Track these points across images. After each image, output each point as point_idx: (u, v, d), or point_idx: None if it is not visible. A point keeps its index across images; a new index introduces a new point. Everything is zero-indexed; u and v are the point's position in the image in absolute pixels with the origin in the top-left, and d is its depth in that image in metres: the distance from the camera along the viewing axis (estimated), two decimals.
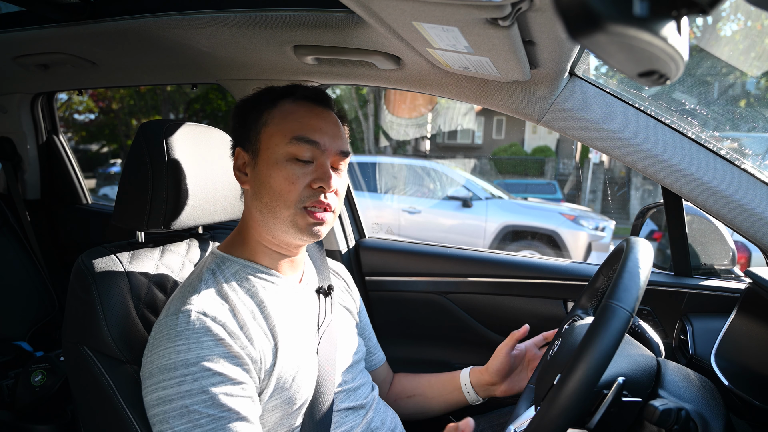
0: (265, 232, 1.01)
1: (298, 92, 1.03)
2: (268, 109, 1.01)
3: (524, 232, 6.33)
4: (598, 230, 6.20)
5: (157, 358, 0.86)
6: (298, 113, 1.00)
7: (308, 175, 0.97)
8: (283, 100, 1.02)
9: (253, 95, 1.05)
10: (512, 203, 6.87)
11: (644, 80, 0.43)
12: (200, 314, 0.87)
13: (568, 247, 6.06)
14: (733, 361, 1.07)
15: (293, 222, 0.96)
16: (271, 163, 0.96)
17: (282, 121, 0.99)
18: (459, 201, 6.46)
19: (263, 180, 0.97)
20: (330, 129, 1.01)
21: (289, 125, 0.98)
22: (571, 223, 6.21)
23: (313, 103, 1.03)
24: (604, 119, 1.19)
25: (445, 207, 6.57)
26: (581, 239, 6.11)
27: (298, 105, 1.01)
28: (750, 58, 5.61)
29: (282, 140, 0.97)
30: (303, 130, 0.97)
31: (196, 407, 0.82)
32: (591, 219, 6.44)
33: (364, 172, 7.00)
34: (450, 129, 15.99)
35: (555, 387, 0.76)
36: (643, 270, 0.81)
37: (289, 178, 0.95)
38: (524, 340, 1.29)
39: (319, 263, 1.21)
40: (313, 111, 1.01)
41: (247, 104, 1.04)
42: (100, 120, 14.34)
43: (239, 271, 1.00)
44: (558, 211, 6.57)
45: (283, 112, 1.00)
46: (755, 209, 1.11)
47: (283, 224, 0.97)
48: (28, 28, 1.36)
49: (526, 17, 0.83)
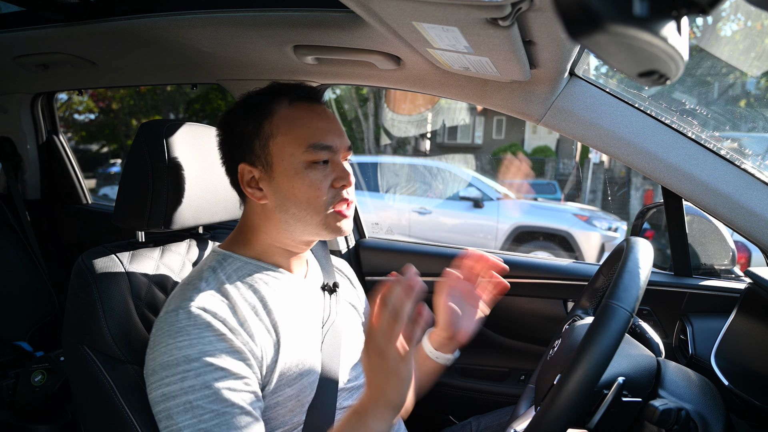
0: (285, 237, 1.01)
1: (292, 94, 1.01)
2: (268, 118, 0.98)
3: (536, 233, 6.26)
4: (611, 230, 6.14)
5: (159, 355, 0.86)
6: (302, 118, 0.98)
7: (329, 177, 0.97)
8: (278, 104, 0.99)
9: (242, 103, 1.02)
10: (524, 204, 6.81)
11: (644, 80, 0.43)
12: (201, 310, 0.87)
13: (581, 248, 5.98)
14: (733, 361, 1.07)
15: (326, 225, 0.98)
16: (291, 174, 0.96)
17: (290, 129, 0.97)
18: (470, 201, 6.40)
19: (286, 192, 0.96)
20: (335, 128, 1.01)
21: (299, 133, 0.96)
22: (584, 223, 6.13)
23: (309, 102, 1.02)
24: (604, 119, 1.19)
25: (456, 207, 6.50)
26: (594, 240, 6.04)
27: (298, 108, 0.99)
28: (750, 58, 5.62)
29: (297, 150, 0.96)
30: (316, 137, 0.97)
31: (200, 402, 0.82)
32: (604, 219, 6.37)
33: (371, 172, 6.95)
34: (450, 125, 15.97)
35: (555, 387, 0.76)
36: (643, 270, 0.81)
37: (313, 185, 0.96)
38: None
39: (323, 261, 1.21)
40: (314, 111, 1.00)
41: (238, 114, 1.01)
42: (100, 120, 14.35)
43: (241, 268, 1.00)
44: (571, 211, 6.51)
45: (286, 120, 0.98)
46: (755, 209, 1.11)
47: (315, 228, 0.98)
48: (28, 28, 1.36)
49: (526, 17, 0.83)
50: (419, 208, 6.52)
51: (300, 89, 1.03)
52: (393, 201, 6.87)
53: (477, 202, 6.38)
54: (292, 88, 1.02)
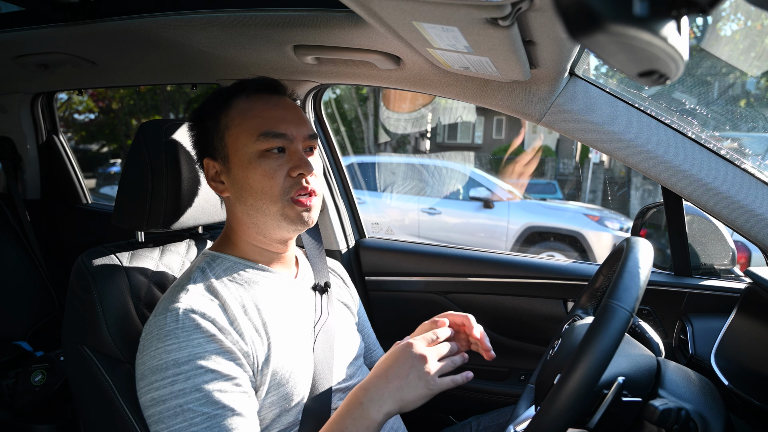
0: (255, 232, 1.01)
1: (249, 87, 1.02)
2: (224, 111, 1.00)
3: (547, 234, 6.18)
4: (622, 231, 6.09)
5: (148, 359, 0.85)
6: (255, 109, 0.99)
7: (284, 166, 0.96)
8: (236, 98, 1.01)
9: (206, 101, 1.03)
10: (535, 204, 6.76)
11: (644, 80, 0.43)
12: (188, 311, 0.87)
13: (593, 249, 5.89)
14: (733, 361, 1.07)
15: (283, 215, 0.96)
16: (245, 164, 0.96)
17: (243, 120, 0.98)
18: (480, 202, 6.32)
19: (241, 183, 0.97)
20: (291, 116, 1.00)
21: (251, 123, 0.97)
22: (595, 224, 6.06)
23: (267, 94, 1.02)
24: (604, 119, 1.18)
25: (466, 208, 6.43)
26: (606, 240, 5.95)
27: (253, 100, 1.00)
28: (750, 58, 5.61)
29: (249, 140, 0.96)
30: (267, 125, 0.96)
31: (190, 406, 0.82)
32: (615, 220, 6.30)
33: (377, 171, 6.93)
34: (450, 123, 15.94)
35: (555, 387, 0.76)
36: (643, 270, 0.81)
37: (267, 174, 0.95)
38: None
39: (316, 261, 1.21)
40: (270, 101, 1.01)
41: (200, 113, 1.03)
42: (100, 120, 14.33)
43: (231, 268, 0.99)
44: (582, 212, 6.45)
45: (240, 111, 0.99)
46: (755, 209, 1.11)
47: (273, 220, 0.97)
48: (28, 28, 1.36)
49: (526, 17, 0.83)
50: (428, 208, 6.47)
51: (258, 82, 1.03)
52: (399, 201, 6.84)
53: (487, 203, 6.30)
54: (251, 82, 1.02)
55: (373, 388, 0.85)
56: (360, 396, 0.85)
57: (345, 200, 1.87)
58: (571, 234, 6.04)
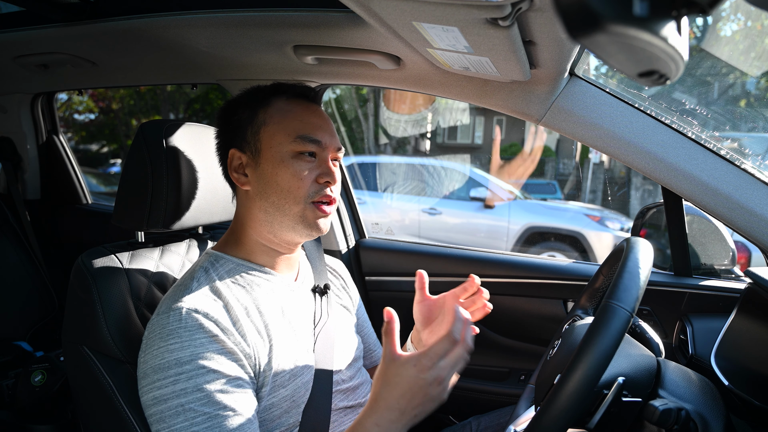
0: (266, 231, 1.01)
1: (291, 90, 1.04)
2: (263, 107, 1.01)
3: (548, 234, 6.16)
4: (623, 231, 6.08)
5: (150, 358, 0.86)
6: (296, 112, 1.01)
7: (314, 171, 0.99)
8: (276, 98, 1.03)
9: (242, 95, 1.05)
10: (535, 204, 6.74)
11: (644, 80, 0.43)
12: (192, 311, 0.87)
13: (593, 249, 5.88)
14: (733, 361, 1.07)
15: (302, 217, 0.98)
16: (277, 161, 0.97)
17: (282, 119, 1.00)
18: (481, 202, 6.30)
19: (269, 179, 0.98)
20: (327, 126, 1.03)
21: (291, 123, 0.99)
22: (596, 224, 6.04)
23: (306, 100, 1.05)
24: (604, 119, 1.18)
25: (467, 208, 6.41)
26: (606, 241, 5.93)
27: (294, 103, 1.03)
28: (750, 58, 5.61)
29: (286, 139, 0.98)
30: (306, 129, 0.99)
31: (192, 405, 0.82)
32: (616, 220, 6.28)
33: (378, 171, 6.92)
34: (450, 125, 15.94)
35: (555, 387, 0.76)
36: (643, 270, 0.81)
37: (297, 175, 0.97)
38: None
39: (316, 262, 1.21)
40: (309, 108, 1.03)
41: (236, 104, 1.05)
42: (100, 120, 14.33)
43: (233, 269, 1.00)
44: (583, 212, 6.43)
45: (280, 111, 1.01)
46: (755, 209, 1.11)
47: (291, 221, 0.98)
48: (28, 28, 1.36)
49: (526, 17, 0.83)
50: (429, 209, 6.46)
51: (299, 87, 1.06)
52: (399, 201, 6.83)
53: (487, 203, 6.29)
54: (291, 87, 1.05)
55: (384, 423, 0.78)
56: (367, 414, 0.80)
57: (345, 200, 1.87)
58: (572, 234, 6.03)
